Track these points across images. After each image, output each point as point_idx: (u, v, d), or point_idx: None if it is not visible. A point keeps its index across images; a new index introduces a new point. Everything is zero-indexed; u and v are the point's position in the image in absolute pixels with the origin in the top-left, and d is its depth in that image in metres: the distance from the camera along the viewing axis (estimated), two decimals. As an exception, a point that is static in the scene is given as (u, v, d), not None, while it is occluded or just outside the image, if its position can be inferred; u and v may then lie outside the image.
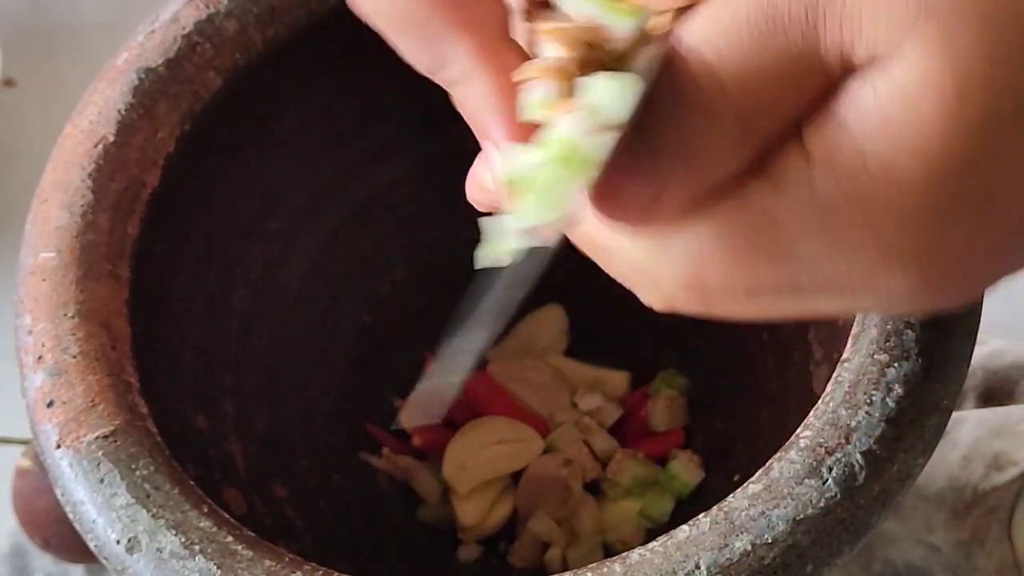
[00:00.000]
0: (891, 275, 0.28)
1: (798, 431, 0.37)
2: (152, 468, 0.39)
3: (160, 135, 0.47)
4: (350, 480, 0.57)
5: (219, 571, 0.37)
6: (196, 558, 0.37)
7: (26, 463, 0.59)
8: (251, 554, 0.38)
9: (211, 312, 0.52)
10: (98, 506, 0.39)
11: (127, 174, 0.46)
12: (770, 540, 0.35)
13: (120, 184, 0.45)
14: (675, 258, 0.29)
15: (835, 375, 0.38)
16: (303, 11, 0.49)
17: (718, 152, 0.28)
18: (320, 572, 0.38)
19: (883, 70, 0.27)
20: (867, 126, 0.27)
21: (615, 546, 0.56)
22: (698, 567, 0.35)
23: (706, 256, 0.29)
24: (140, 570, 0.38)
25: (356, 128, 0.55)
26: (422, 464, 0.59)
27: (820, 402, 0.38)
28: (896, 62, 0.26)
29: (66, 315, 0.42)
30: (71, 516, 0.40)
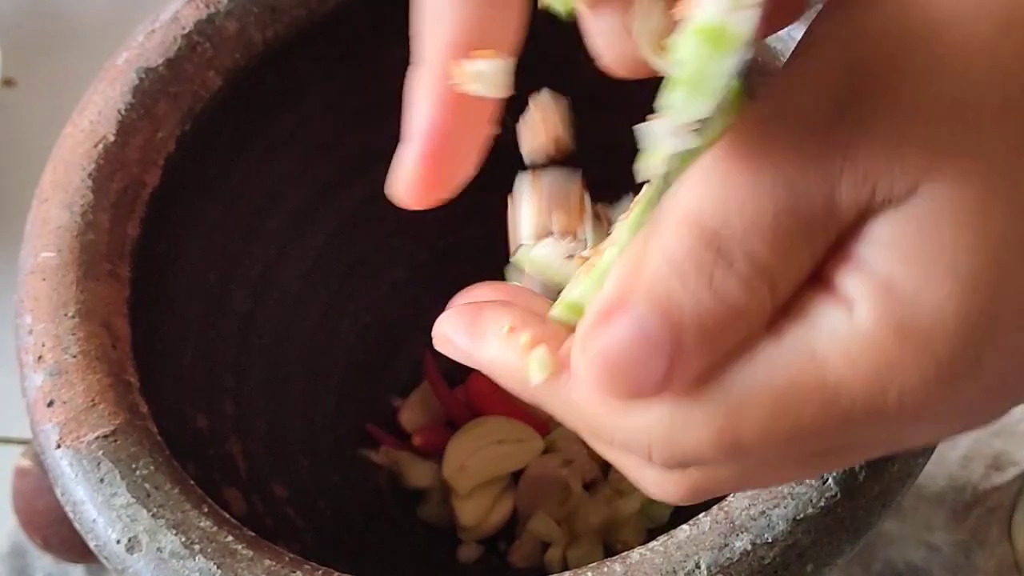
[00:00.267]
0: (941, 400, 0.27)
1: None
2: (152, 468, 0.39)
3: (160, 135, 0.47)
4: (350, 480, 0.57)
5: (219, 571, 0.37)
6: (196, 558, 0.37)
7: (26, 463, 0.59)
8: (251, 554, 0.38)
9: (211, 312, 0.52)
10: (98, 506, 0.39)
11: (127, 174, 0.46)
12: (770, 539, 0.35)
13: (120, 184, 0.45)
14: (702, 420, 0.27)
15: (835, 375, 0.38)
16: (303, 11, 0.49)
17: (748, 318, 0.27)
18: (320, 572, 0.38)
19: (901, 210, 0.26)
20: (894, 264, 0.26)
21: (615, 546, 0.56)
22: (698, 567, 0.35)
23: (742, 411, 0.27)
24: (140, 570, 0.38)
25: (356, 128, 0.55)
26: (422, 463, 0.59)
27: (820, 402, 0.38)
28: (913, 201, 0.26)
29: (66, 315, 0.42)
30: (71, 516, 0.40)
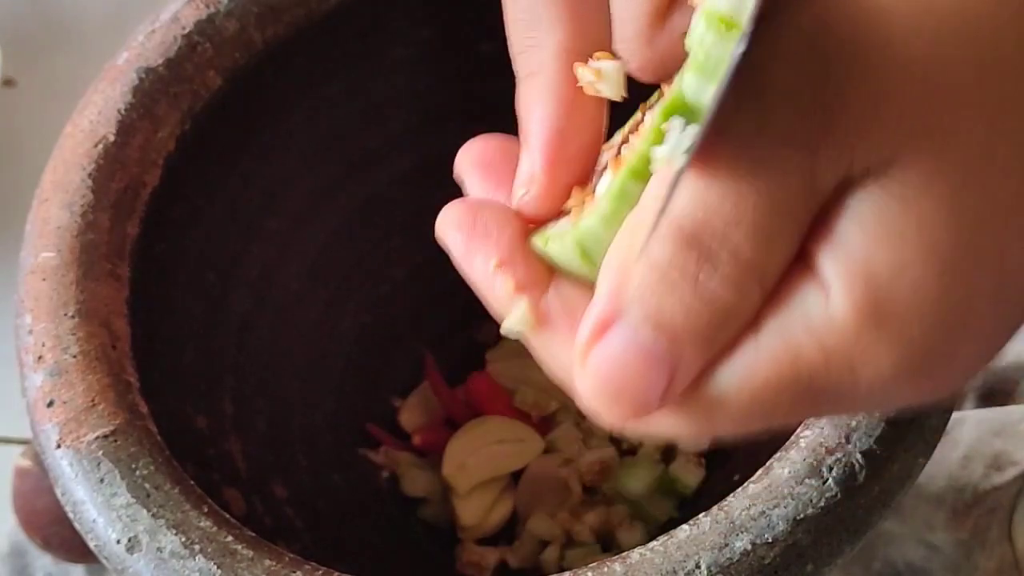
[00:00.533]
0: (912, 379, 0.27)
1: (798, 430, 0.37)
2: (152, 468, 0.39)
3: (160, 135, 0.47)
4: (350, 480, 0.57)
5: (219, 571, 0.37)
6: (196, 558, 0.37)
7: (26, 463, 0.59)
8: (251, 554, 0.38)
9: (211, 312, 0.52)
10: (98, 506, 0.39)
11: (127, 174, 0.46)
12: (770, 540, 0.35)
13: (120, 184, 0.45)
14: (679, 417, 0.28)
15: (835, 375, 0.38)
16: (303, 11, 0.49)
17: (740, 313, 0.27)
18: (320, 572, 0.38)
19: (879, 184, 0.26)
20: (872, 241, 0.26)
21: (615, 546, 0.56)
22: (698, 567, 0.35)
23: (719, 409, 0.27)
24: (140, 570, 0.38)
25: (356, 128, 0.55)
26: (422, 463, 0.59)
27: (820, 402, 0.38)
28: (891, 174, 0.26)
29: (66, 315, 0.42)
30: (71, 516, 0.40)
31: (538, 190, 0.31)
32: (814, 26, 0.26)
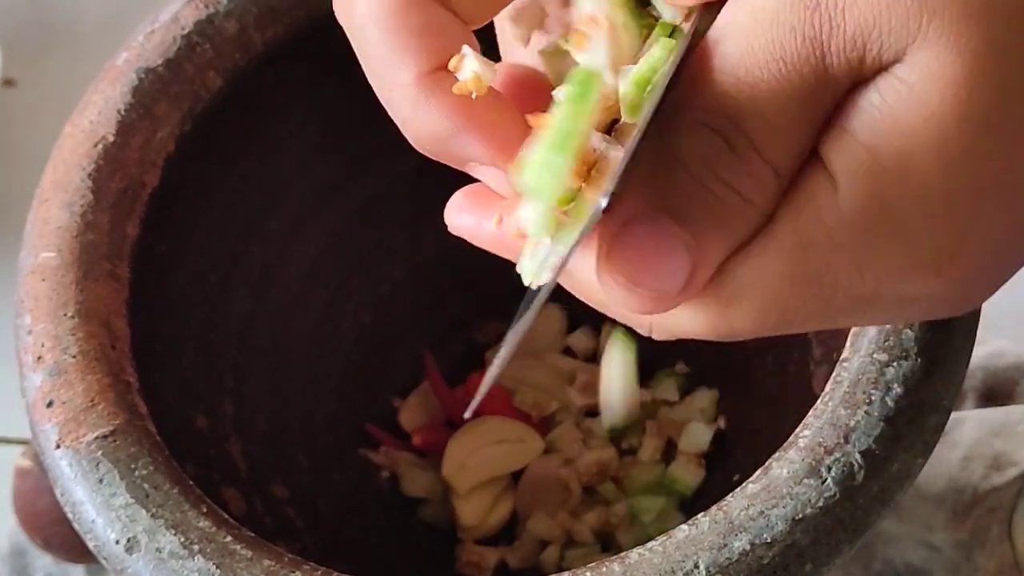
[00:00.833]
0: (920, 277, 0.27)
1: (797, 431, 0.37)
2: (151, 468, 0.40)
3: (160, 135, 0.47)
4: (350, 480, 0.57)
5: (218, 571, 0.37)
6: (195, 558, 0.37)
7: (26, 463, 0.59)
8: (250, 554, 0.38)
9: (211, 312, 0.52)
10: (97, 506, 0.39)
11: (127, 174, 0.46)
12: (769, 540, 0.35)
13: (120, 184, 0.45)
14: (697, 314, 0.28)
15: (834, 375, 0.38)
16: (303, 11, 0.49)
17: (757, 203, 0.27)
18: (320, 572, 0.38)
19: (888, 75, 0.26)
20: (878, 131, 0.26)
21: (615, 546, 0.56)
22: (697, 567, 0.35)
23: (734, 306, 0.28)
24: (139, 570, 0.38)
25: (356, 128, 0.55)
26: (422, 463, 0.59)
27: (819, 402, 0.38)
28: (900, 66, 0.26)
29: (66, 315, 0.42)
30: (71, 516, 0.40)
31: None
32: None
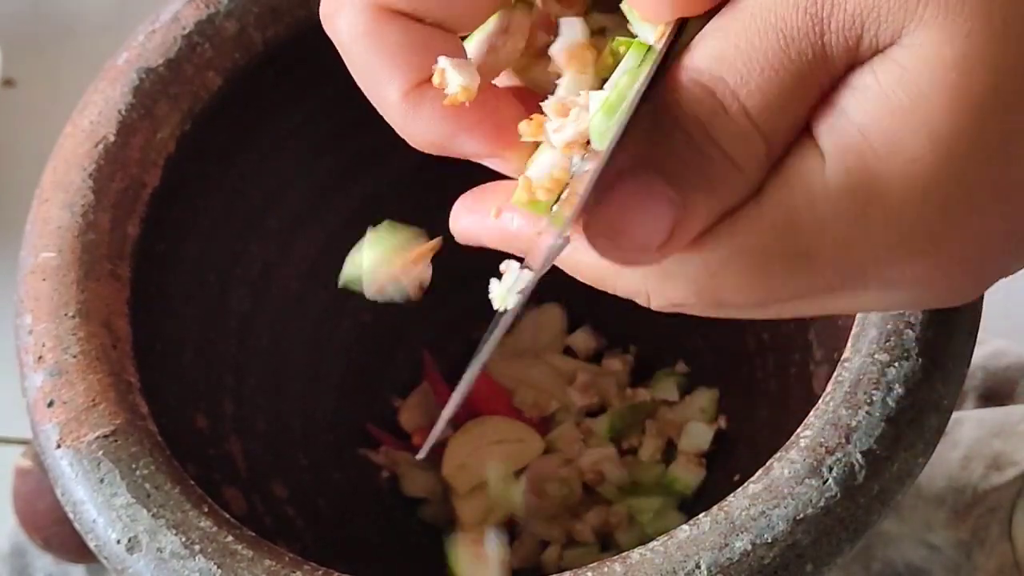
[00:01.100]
0: (906, 259, 0.27)
1: (798, 431, 0.37)
2: (152, 468, 0.40)
3: (160, 135, 0.47)
4: (350, 479, 0.57)
5: (219, 571, 0.37)
6: (196, 558, 0.37)
7: (26, 463, 0.59)
8: (251, 554, 0.38)
9: (211, 312, 0.52)
10: (98, 506, 0.39)
11: (127, 174, 0.46)
12: (770, 540, 0.35)
13: (120, 184, 0.45)
14: (688, 280, 0.29)
15: (835, 375, 0.38)
16: (303, 11, 0.49)
17: (746, 169, 0.27)
18: (320, 572, 0.38)
19: (884, 57, 0.26)
20: (870, 110, 0.26)
21: (615, 546, 0.56)
22: (698, 567, 0.35)
23: (722, 274, 0.28)
24: (140, 570, 0.38)
25: (356, 128, 0.55)
26: (422, 463, 0.58)
27: (820, 402, 0.38)
28: (895, 48, 0.26)
29: (67, 315, 0.42)
30: (71, 516, 0.40)
31: (517, 169, 0.31)
32: None
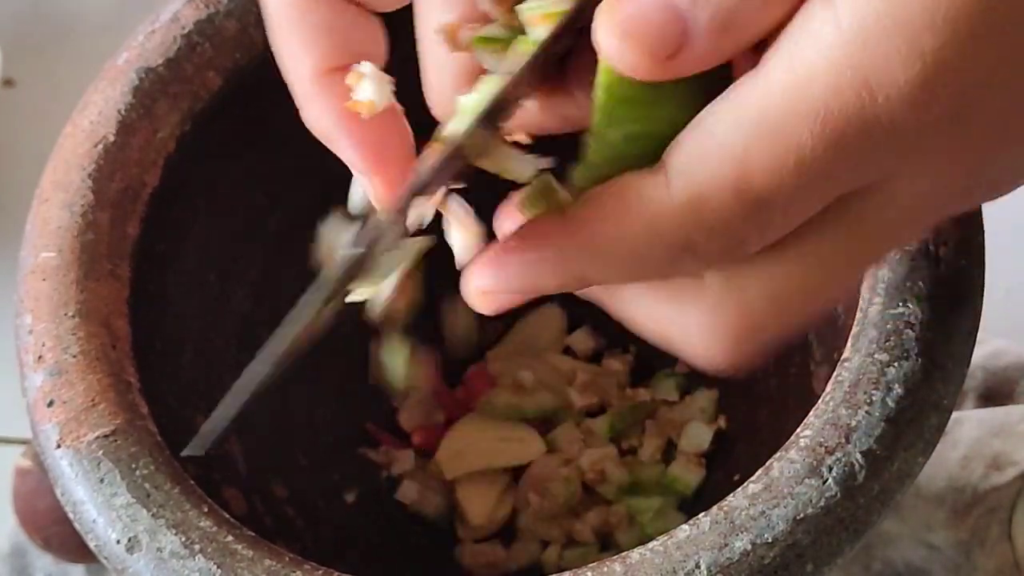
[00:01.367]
0: (923, 111, 0.27)
1: (798, 431, 0.37)
2: (152, 467, 0.40)
3: (160, 135, 0.47)
4: (350, 480, 0.57)
5: (219, 571, 0.37)
6: (196, 558, 0.37)
7: (26, 463, 0.59)
8: (251, 554, 0.38)
9: (211, 312, 0.52)
10: (98, 506, 0.39)
11: (127, 174, 0.46)
12: (770, 539, 0.35)
13: (120, 184, 0.45)
14: (716, 165, 0.28)
15: (835, 375, 0.38)
16: (303, 11, 0.49)
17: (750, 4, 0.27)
18: (320, 572, 0.38)
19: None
20: None
21: (615, 546, 0.56)
22: (698, 567, 0.35)
23: (747, 149, 0.27)
24: (140, 570, 0.38)
25: (356, 128, 0.55)
26: (422, 463, 0.59)
27: (820, 402, 0.38)
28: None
29: (66, 315, 0.42)
30: (71, 516, 0.40)
31: (381, 196, 0.34)
32: None
